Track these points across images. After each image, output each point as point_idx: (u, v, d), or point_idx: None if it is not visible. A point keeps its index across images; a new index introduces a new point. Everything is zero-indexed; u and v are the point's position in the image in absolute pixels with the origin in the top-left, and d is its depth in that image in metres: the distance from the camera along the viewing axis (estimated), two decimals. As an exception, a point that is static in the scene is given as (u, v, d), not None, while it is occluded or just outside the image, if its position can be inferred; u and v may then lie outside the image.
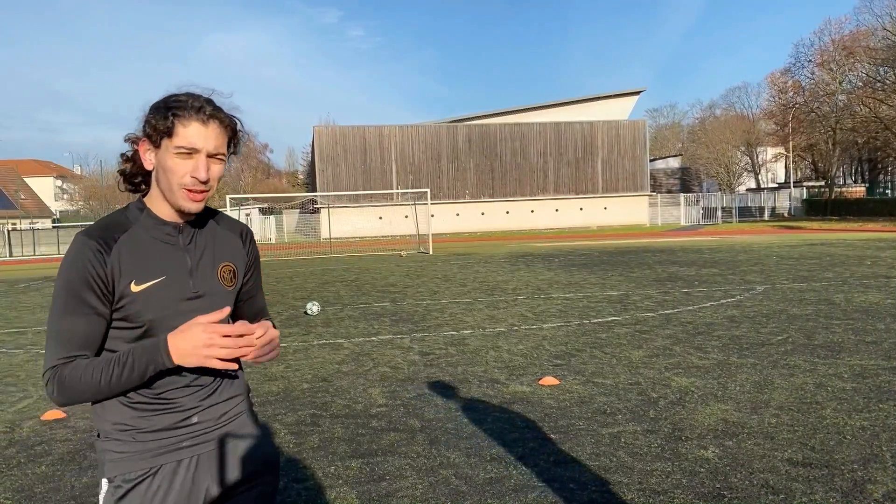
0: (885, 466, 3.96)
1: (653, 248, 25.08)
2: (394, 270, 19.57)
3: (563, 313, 10.21)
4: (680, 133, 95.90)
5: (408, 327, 9.46)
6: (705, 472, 3.97)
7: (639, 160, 52.96)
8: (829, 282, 12.91)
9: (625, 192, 52.77)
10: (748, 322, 8.88)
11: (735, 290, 12.08)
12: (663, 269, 16.77)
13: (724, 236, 33.57)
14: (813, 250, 21.55)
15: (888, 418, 4.81)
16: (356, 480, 4.05)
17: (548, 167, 52.03)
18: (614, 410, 5.23)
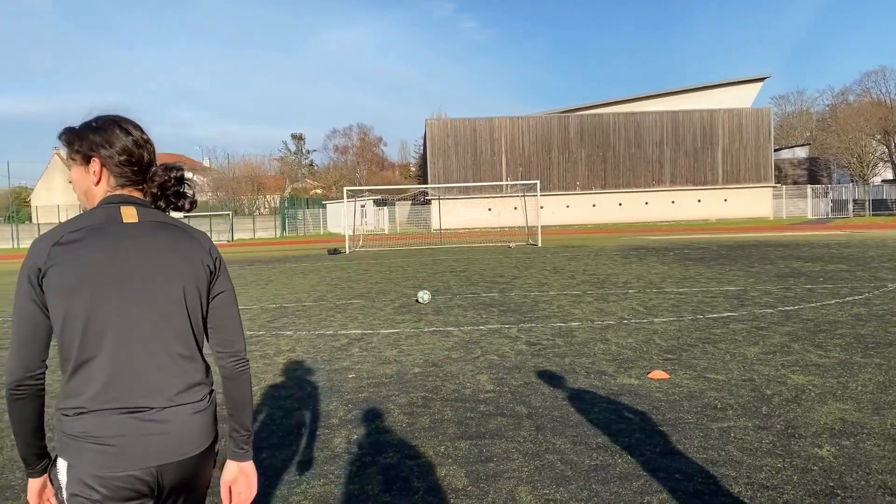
0: None
1: (775, 243, 23.94)
2: (502, 262, 19.72)
3: (675, 308, 10.02)
4: (808, 121, 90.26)
5: (515, 317, 9.59)
6: (818, 469, 3.89)
7: (762, 150, 50.49)
8: (974, 280, 11.96)
9: (747, 184, 50.49)
10: (876, 321, 8.41)
11: (863, 288, 11.41)
12: (786, 264, 16.02)
13: (855, 230, 31.50)
14: (957, 246, 19.91)
15: None
16: (465, 460, 4.24)
17: (664, 157, 50.53)
18: (725, 406, 5.16)
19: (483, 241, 32.04)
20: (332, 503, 3.69)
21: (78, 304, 1.77)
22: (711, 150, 50.31)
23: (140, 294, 1.84)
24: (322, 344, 8.21)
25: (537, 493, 3.73)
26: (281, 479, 4.06)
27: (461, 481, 3.92)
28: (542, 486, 3.81)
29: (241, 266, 21.80)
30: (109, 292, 1.80)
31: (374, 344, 8.09)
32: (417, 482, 3.94)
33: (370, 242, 34.00)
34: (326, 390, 6.06)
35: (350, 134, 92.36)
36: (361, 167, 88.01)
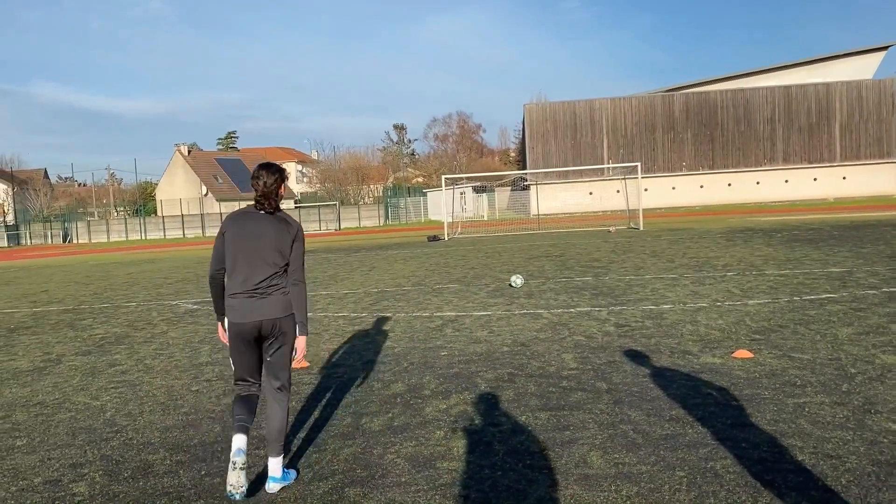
0: None
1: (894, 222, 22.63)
2: (600, 246, 19.72)
3: (772, 290, 9.90)
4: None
5: (607, 301, 9.78)
6: (888, 442, 3.99)
7: (885, 123, 47.37)
8: None
9: (868, 160, 47.56)
10: None
11: (984, 268, 10.82)
12: (902, 244, 15.25)
13: None
14: None
15: None
16: (543, 428, 4.59)
17: (776, 135, 48.35)
18: (805, 383, 5.25)
19: (582, 226, 31.90)
20: (421, 461, 4.14)
21: (232, 246, 3.93)
22: (828, 126, 47.66)
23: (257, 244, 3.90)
24: (418, 325, 8.73)
25: (608, 457, 4.03)
26: (378, 440, 4.55)
27: (537, 446, 4.27)
28: (613, 452, 4.11)
29: (348, 254, 22.83)
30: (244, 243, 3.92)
31: (467, 325, 8.53)
32: (498, 446, 4.32)
33: (468, 229, 34.54)
34: (420, 366, 6.54)
35: (450, 122, 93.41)
36: (461, 154, 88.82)
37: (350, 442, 4.56)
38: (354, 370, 6.55)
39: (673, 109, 49.20)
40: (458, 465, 4.06)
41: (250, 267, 3.86)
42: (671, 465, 3.85)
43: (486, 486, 3.73)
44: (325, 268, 17.79)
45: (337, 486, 3.84)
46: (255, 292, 3.86)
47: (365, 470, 4.06)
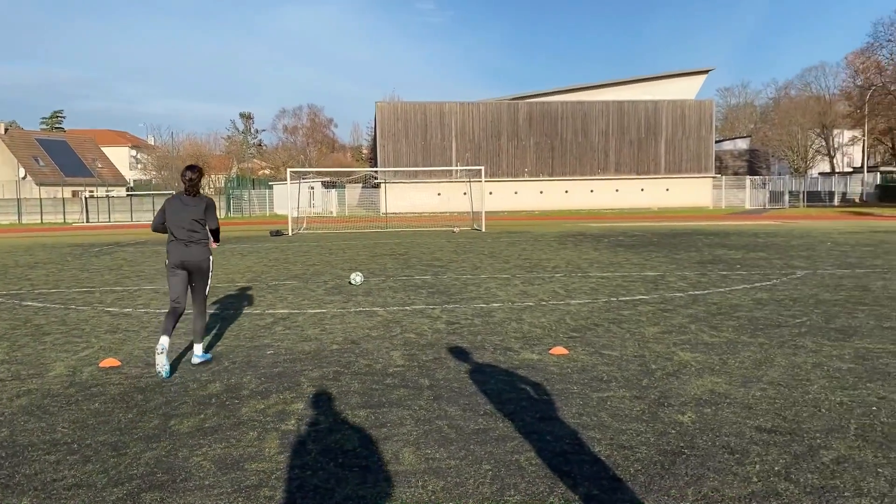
0: (845, 436, 4.24)
1: (707, 231, 24.88)
2: (443, 246, 20.09)
3: (594, 291, 10.52)
4: (752, 113, 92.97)
5: (442, 299, 9.96)
6: (675, 433, 4.34)
7: (704, 141, 51.93)
8: (875, 269, 12.78)
9: (688, 174, 51.90)
10: (773, 305, 9.03)
11: (774, 275, 12.12)
12: (710, 251, 16.78)
13: (787, 221, 32.86)
14: (873, 238, 21.04)
15: (869, 396, 5.04)
16: (361, 426, 4.57)
17: (609, 146, 51.55)
18: (611, 378, 5.61)
19: (429, 226, 32.37)
20: (229, 463, 3.98)
21: (169, 215, 6.19)
22: (655, 141, 51.54)
23: (185, 214, 6.19)
24: (247, 322, 8.44)
25: (420, 453, 4.08)
26: (185, 442, 4.33)
27: (353, 444, 4.25)
28: (426, 448, 4.16)
29: (182, 246, 21.70)
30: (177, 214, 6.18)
31: (299, 323, 8.36)
32: (312, 445, 4.25)
33: (315, 225, 34.00)
34: (242, 365, 6.32)
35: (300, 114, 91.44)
36: (311, 148, 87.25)
37: (154, 445, 4.31)
38: (171, 369, 6.20)
39: (518, 117, 51.15)
40: (267, 466, 3.94)
41: (180, 228, 6.18)
42: (479, 458, 3.97)
43: (293, 486, 3.65)
44: (155, 261, 16.79)
45: (133, 492, 3.61)
46: (183, 243, 6.19)
47: (167, 474, 3.85)
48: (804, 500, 3.40)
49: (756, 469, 3.77)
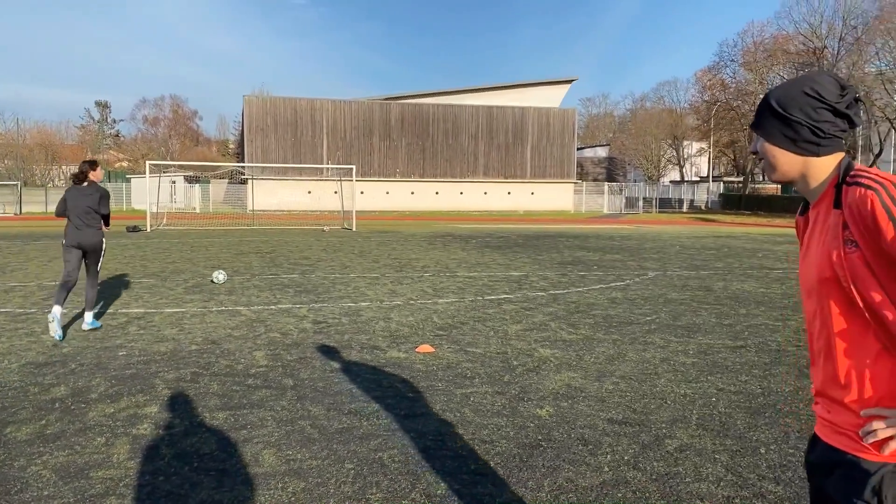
0: (688, 426, 4.56)
1: (568, 234, 25.98)
2: (312, 244, 19.76)
3: (461, 290, 10.71)
4: (611, 123, 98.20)
5: (309, 298, 9.79)
6: (533, 426, 4.49)
7: (567, 148, 54.19)
8: (717, 271, 13.84)
9: (552, 179, 53.97)
10: (626, 303, 9.57)
11: (628, 275, 12.84)
12: (570, 253, 17.53)
13: (641, 225, 34.92)
14: (716, 242, 22.78)
15: (709, 388, 5.46)
16: (219, 429, 4.40)
17: (478, 150, 52.67)
18: (474, 375, 5.73)
19: (298, 224, 31.73)
20: (72, 471, 3.71)
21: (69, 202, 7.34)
22: (522, 146, 53.23)
23: (81, 202, 7.34)
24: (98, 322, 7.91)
25: (280, 454, 3.99)
26: (23, 451, 3.99)
27: (210, 447, 4.08)
28: (287, 449, 4.07)
29: (26, 242, 20.00)
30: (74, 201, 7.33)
31: (155, 323, 7.93)
32: (166, 449, 4.04)
33: (177, 221, 32.44)
34: (91, 367, 5.91)
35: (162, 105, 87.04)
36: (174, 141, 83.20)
37: (-15, 456, 3.94)
38: (9, 373, 5.70)
39: (390, 118, 51.19)
40: (115, 473, 3.71)
41: (76, 215, 7.28)
42: (341, 458, 3.93)
43: (143, 493, 3.46)
44: None
45: (-43, 509, 3.28)
46: (80, 227, 7.30)
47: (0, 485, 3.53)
48: (650, 487, 3.62)
49: (608, 459, 3.98)
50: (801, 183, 1.80)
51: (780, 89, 1.78)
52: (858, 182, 1.63)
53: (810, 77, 1.75)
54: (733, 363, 6.26)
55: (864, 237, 1.61)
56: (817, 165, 1.75)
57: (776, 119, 1.77)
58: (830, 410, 1.76)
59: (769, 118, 1.79)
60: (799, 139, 1.74)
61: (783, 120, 1.75)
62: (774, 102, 1.77)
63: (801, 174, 1.78)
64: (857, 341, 1.67)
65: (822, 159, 1.75)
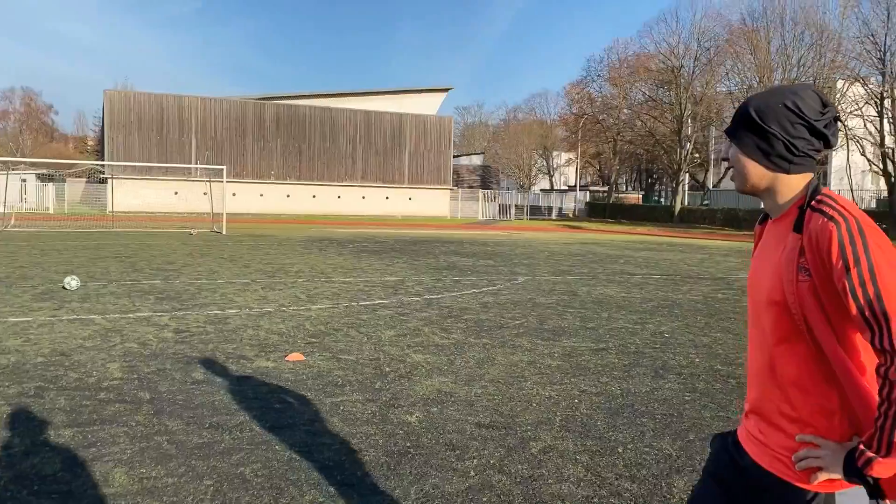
0: (552, 427, 4.70)
1: (445, 240, 26.30)
2: (177, 249, 18.86)
3: (335, 296, 10.56)
4: (486, 132, 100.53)
5: (172, 305, 9.31)
6: (403, 433, 4.48)
7: (443, 155, 54.94)
8: (582, 276, 14.44)
9: (429, 185, 54.52)
10: (497, 308, 9.78)
11: (499, 280, 13.14)
12: (446, 258, 17.74)
13: (513, 232, 35.92)
14: (583, 248, 23.79)
15: (573, 390, 5.66)
16: (66, 447, 4.08)
17: (356, 154, 52.38)
18: (345, 383, 5.65)
19: (164, 227, 30.21)
20: None
21: None
22: (400, 152, 53.44)
23: None
24: (-74, 333, 7.16)
25: (133, 473, 3.74)
26: None
27: (53, 468, 3.77)
28: (141, 466, 3.83)
29: None
30: None
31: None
32: (2, 472, 3.70)
33: (26, 222, 30.02)
34: (-85, 384, 5.33)
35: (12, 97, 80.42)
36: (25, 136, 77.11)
37: None
38: None
39: (264, 118, 49.87)
40: (-61, 502, 3.35)
41: None
42: (200, 474, 3.74)
43: (-29, 524, 3.14)
44: None
45: None
46: None
47: None
48: (514, 490, 3.69)
49: (474, 463, 4.02)
50: (767, 197, 1.76)
51: (760, 98, 1.72)
52: (823, 211, 1.59)
53: (793, 90, 1.70)
54: (595, 365, 6.53)
55: (817, 268, 1.58)
56: (786, 182, 1.71)
57: (752, 129, 1.71)
58: (764, 431, 1.75)
59: (745, 127, 1.73)
60: (772, 153, 1.69)
61: (759, 131, 1.70)
62: (753, 112, 1.70)
63: (768, 188, 1.73)
64: (800, 367, 1.66)
65: (792, 177, 1.70)
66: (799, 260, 1.60)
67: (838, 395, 1.62)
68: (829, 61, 43.30)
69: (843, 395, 1.62)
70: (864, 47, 42.05)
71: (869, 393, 1.60)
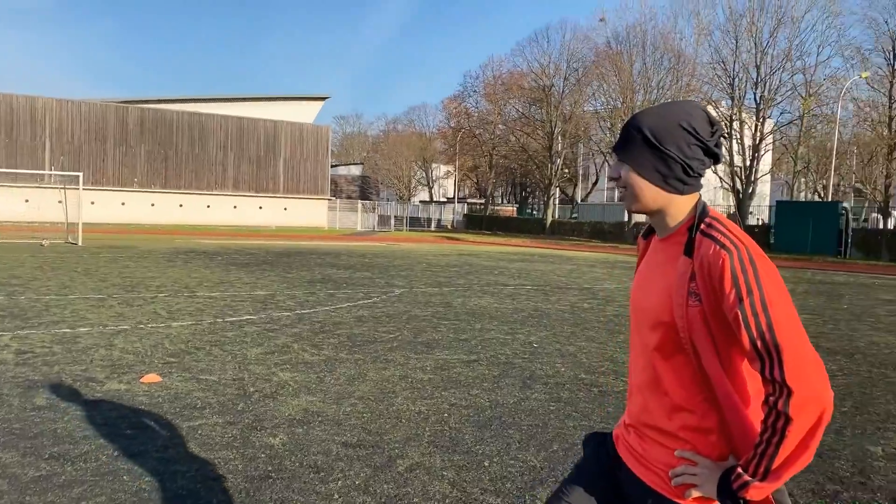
0: (420, 444, 4.65)
1: (321, 251, 25.86)
2: (25, 261, 17.41)
3: (199, 312, 10.07)
4: (365, 142, 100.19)
5: (14, 324, 8.54)
6: (265, 457, 4.28)
7: (321, 164, 54.17)
8: (458, 287, 14.59)
9: (306, 195, 53.56)
10: (372, 321, 9.67)
11: (376, 293, 13.03)
12: (321, 270, 17.41)
13: (392, 243, 35.89)
14: (459, 259, 24.10)
15: (443, 403, 5.65)
16: None
17: (228, 162, 50.66)
18: (205, 405, 5.35)
19: (11, 237, 27.86)
20: None
21: None
22: (274, 160, 52.18)
23: None
24: None
25: (-47, 516, 3.35)
26: None
27: None
28: (-38, 508, 3.44)
29: None
30: None
31: None
32: None
33: None
34: None
35: None
36: None
37: None
38: None
39: (127, 122, 47.22)
40: None
41: None
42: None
43: None
44: None
45: None
46: None
47: None
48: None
49: (338, 485, 3.90)
50: (657, 217, 1.73)
51: (653, 118, 1.67)
52: (714, 238, 1.59)
53: (684, 109, 1.67)
54: (466, 377, 6.57)
55: (707, 294, 1.58)
56: (678, 203, 1.69)
57: (649, 150, 1.66)
58: (644, 444, 1.76)
59: (641, 147, 1.67)
60: (670, 176, 1.66)
61: (658, 153, 1.65)
62: (649, 132, 1.65)
63: (661, 209, 1.70)
64: (684, 386, 1.67)
65: (684, 198, 1.69)
66: (689, 284, 1.60)
67: (718, 416, 1.65)
68: (686, 85, 46.46)
69: (723, 417, 1.64)
70: (715, 73, 45.53)
71: (748, 418, 1.63)
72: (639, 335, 1.78)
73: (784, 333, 1.49)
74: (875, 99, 41.52)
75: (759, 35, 43.07)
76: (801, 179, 52.83)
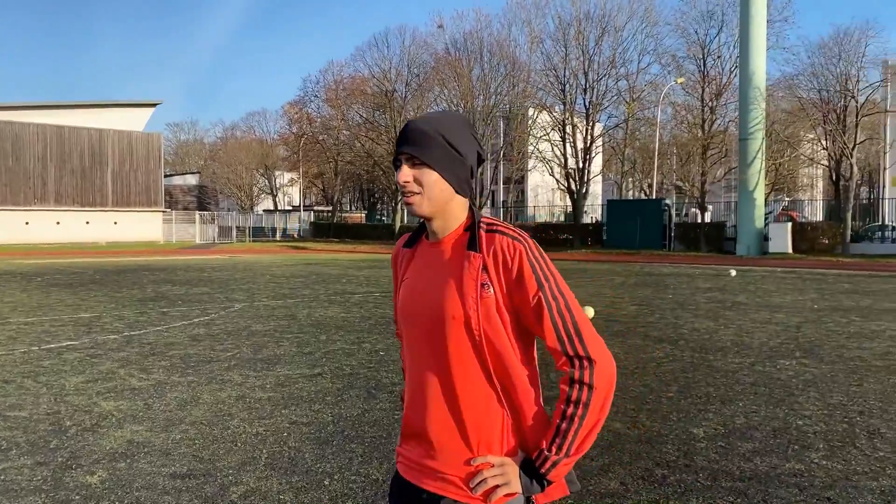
0: (256, 468, 4.44)
1: (155, 267, 24.39)
2: None
3: (11, 340, 9.12)
4: (201, 150, 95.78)
5: None
6: (79, 498, 3.90)
7: (153, 174, 51.25)
8: (304, 298, 14.25)
9: (137, 207, 50.46)
10: (209, 340, 9.19)
11: (214, 309, 12.43)
12: (154, 288, 16.40)
13: (234, 255, 34.56)
14: (306, 269, 23.61)
15: (282, 422, 5.44)
16: None
17: (47, 174, 46.67)
18: (11, 445, 4.81)
19: None
20: None
21: None
22: (101, 171, 48.68)
23: None
24: None
25: None
26: None
27: None
28: None
29: None
30: None
31: None
32: None
33: None
34: None
35: None
36: None
37: None
38: None
39: (-76, 131, 42.21)
40: None
41: None
42: None
43: None
44: None
45: None
46: None
47: None
48: (208, 543, 3.38)
49: (163, 522, 3.62)
50: (439, 220, 1.73)
51: (444, 122, 1.71)
52: (504, 232, 1.67)
53: (458, 115, 1.78)
54: (308, 392, 6.38)
55: (500, 283, 1.65)
56: (459, 205, 1.74)
57: (448, 153, 1.69)
58: (434, 455, 1.70)
59: (441, 150, 1.69)
60: (462, 178, 1.72)
61: (455, 156, 1.70)
62: (446, 135, 1.69)
63: (447, 211, 1.72)
64: (474, 387, 1.66)
65: (464, 200, 1.74)
66: (482, 276, 1.64)
67: (511, 410, 1.68)
68: (521, 91, 48.46)
69: (516, 410, 1.67)
70: (548, 79, 47.83)
71: (540, 404, 1.70)
72: (423, 343, 1.73)
73: (578, 314, 1.64)
74: (690, 102, 45.38)
75: (586, 43, 45.76)
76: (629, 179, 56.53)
